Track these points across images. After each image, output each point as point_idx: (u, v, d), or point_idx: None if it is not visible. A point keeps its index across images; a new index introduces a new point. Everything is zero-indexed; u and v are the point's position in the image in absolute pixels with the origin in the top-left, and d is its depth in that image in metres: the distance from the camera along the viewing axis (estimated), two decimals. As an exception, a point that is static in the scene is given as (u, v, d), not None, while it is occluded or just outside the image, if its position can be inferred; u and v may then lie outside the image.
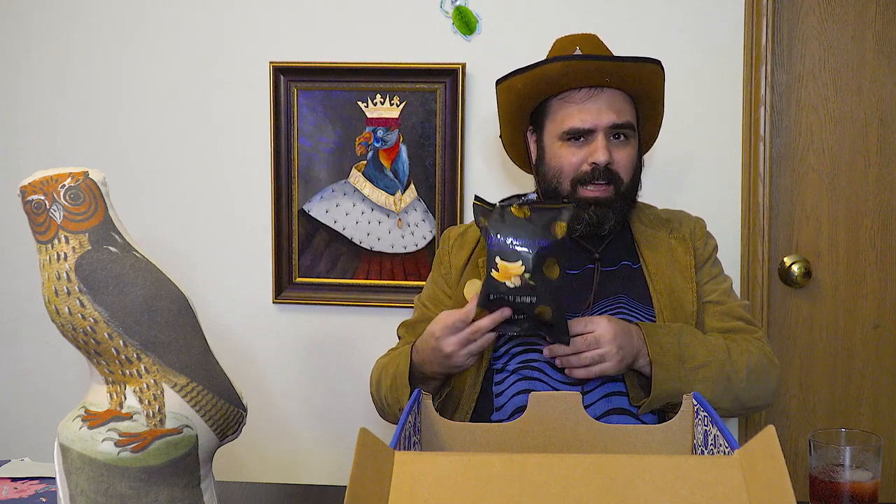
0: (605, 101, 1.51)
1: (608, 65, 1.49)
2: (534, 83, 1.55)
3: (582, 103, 1.52)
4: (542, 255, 1.31)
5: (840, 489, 1.13)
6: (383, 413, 1.59)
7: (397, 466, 0.79)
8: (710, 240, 1.65)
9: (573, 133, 1.52)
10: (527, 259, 1.30)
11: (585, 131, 1.51)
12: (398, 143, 2.12)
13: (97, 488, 1.00)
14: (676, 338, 1.42)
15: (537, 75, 1.53)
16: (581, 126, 1.51)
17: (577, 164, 1.52)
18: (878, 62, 2.06)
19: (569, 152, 1.53)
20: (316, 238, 2.17)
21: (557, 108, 1.55)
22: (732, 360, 1.45)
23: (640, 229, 1.60)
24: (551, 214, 1.33)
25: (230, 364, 1.10)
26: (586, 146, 1.52)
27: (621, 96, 1.53)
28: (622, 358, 1.38)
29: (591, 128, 1.51)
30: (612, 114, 1.51)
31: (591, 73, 1.50)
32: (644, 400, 1.42)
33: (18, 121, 2.26)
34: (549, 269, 1.32)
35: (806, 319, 2.11)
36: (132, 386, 1.02)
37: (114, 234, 1.04)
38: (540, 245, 1.32)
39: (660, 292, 1.52)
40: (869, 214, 2.08)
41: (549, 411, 1.08)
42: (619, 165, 1.52)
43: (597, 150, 1.50)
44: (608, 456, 0.79)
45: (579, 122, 1.51)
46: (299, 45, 2.15)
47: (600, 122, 1.50)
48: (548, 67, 1.51)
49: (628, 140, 1.53)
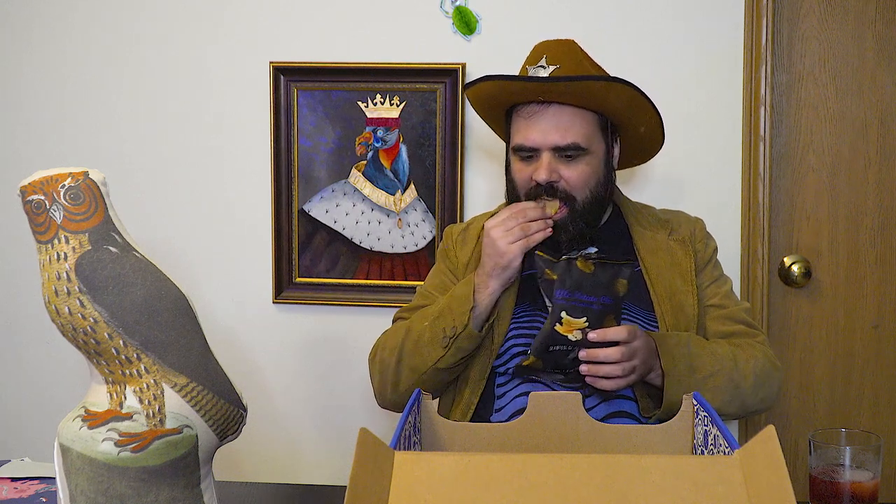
0: (551, 120, 1.48)
1: (540, 85, 1.45)
2: (480, 98, 1.56)
3: (529, 119, 1.50)
4: (605, 311, 1.35)
5: (840, 489, 1.13)
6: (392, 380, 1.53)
7: (397, 466, 0.79)
8: (710, 241, 1.64)
9: (520, 149, 1.51)
10: (591, 314, 1.34)
11: (530, 149, 1.50)
12: (398, 143, 2.12)
13: (97, 488, 1.00)
14: (686, 348, 1.41)
15: (477, 92, 1.54)
16: (525, 143, 1.50)
17: (526, 179, 1.51)
18: (878, 62, 2.06)
19: (520, 167, 1.53)
20: (316, 238, 2.17)
21: (514, 120, 1.54)
22: (739, 368, 1.44)
23: (638, 232, 1.59)
24: (614, 270, 1.37)
25: (230, 364, 1.10)
26: (533, 163, 1.50)
27: (572, 113, 1.48)
28: (643, 372, 1.37)
29: (534, 146, 1.49)
30: (555, 134, 1.47)
31: (528, 91, 1.47)
32: (655, 411, 1.41)
33: (18, 121, 2.26)
34: (608, 323, 1.36)
35: (806, 319, 2.11)
36: (132, 386, 1.02)
37: (114, 234, 1.04)
38: (604, 301, 1.36)
39: (661, 297, 1.51)
40: (869, 214, 2.08)
41: (549, 411, 1.08)
42: (567, 183, 1.49)
43: (539, 168, 1.48)
44: (608, 456, 0.79)
45: (523, 140, 1.50)
46: (299, 45, 2.15)
47: (545, 142, 1.48)
48: (484, 85, 1.51)
49: (580, 157, 1.49)
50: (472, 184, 2.12)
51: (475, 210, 2.09)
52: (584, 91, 1.46)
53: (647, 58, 2.05)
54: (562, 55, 1.51)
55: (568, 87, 1.45)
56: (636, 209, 1.65)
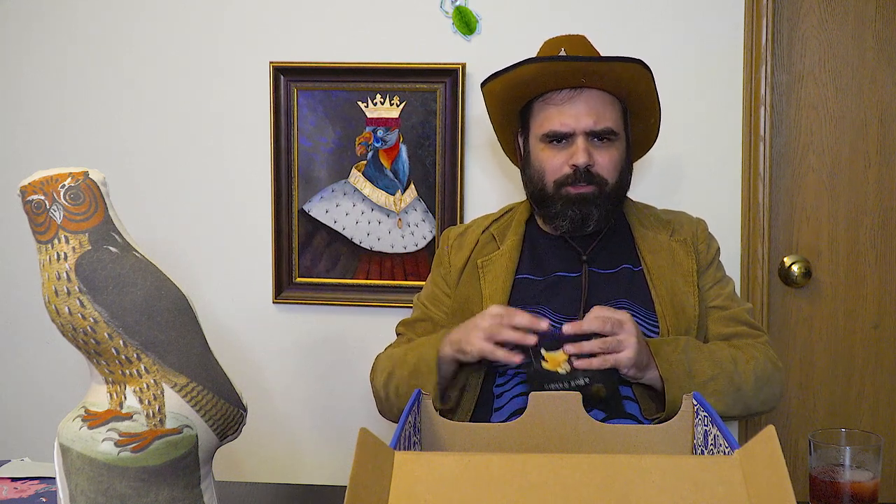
0: (583, 104, 1.51)
1: (584, 65, 1.48)
2: (511, 86, 1.55)
3: (561, 105, 1.52)
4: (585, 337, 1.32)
5: (840, 489, 1.13)
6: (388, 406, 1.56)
7: (397, 466, 0.79)
8: (712, 242, 1.64)
9: (553, 136, 1.52)
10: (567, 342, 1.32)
11: (565, 134, 1.51)
12: (398, 143, 2.12)
13: (97, 488, 1.00)
14: (684, 353, 1.41)
15: (513, 78, 1.53)
16: (560, 129, 1.51)
17: (558, 166, 1.52)
18: (878, 62, 2.06)
19: (550, 154, 1.53)
20: (316, 238, 2.17)
21: (539, 109, 1.55)
22: (739, 370, 1.44)
23: (640, 232, 1.59)
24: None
25: (230, 364, 1.10)
26: (567, 148, 1.52)
27: (602, 98, 1.52)
28: (638, 353, 1.33)
29: (569, 131, 1.51)
30: (589, 118, 1.50)
31: (568, 74, 1.49)
32: (658, 414, 1.41)
33: (18, 121, 2.26)
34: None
35: (806, 319, 2.11)
36: (132, 386, 1.02)
37: (114, 234, 1.04)
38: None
39: (662, 297, 1.51)
40: (869, 214, 2.08)
41: (549, 411, 1.08)
42: (601, 167, 1.51)
43: (577, 152, 1.50)
44: (608, 456, 0.79)
45: (558, 126, 1.51)
46: (299, 45, 2.15)
47: (578, 126, 1.50)
48: (523, 69, 1.51)
49: (611, 142, 1.52)
50: (472, 184, 2.12)
51: (475, 210, 2.09)
52: (620, 74, 1.49)
53: (647, 58, 2.02)
54: (580, 46, 1.55)
55: (611, 68, 1.48)
56: (638, 209, 1.65)
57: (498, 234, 1.64)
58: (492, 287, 1.55)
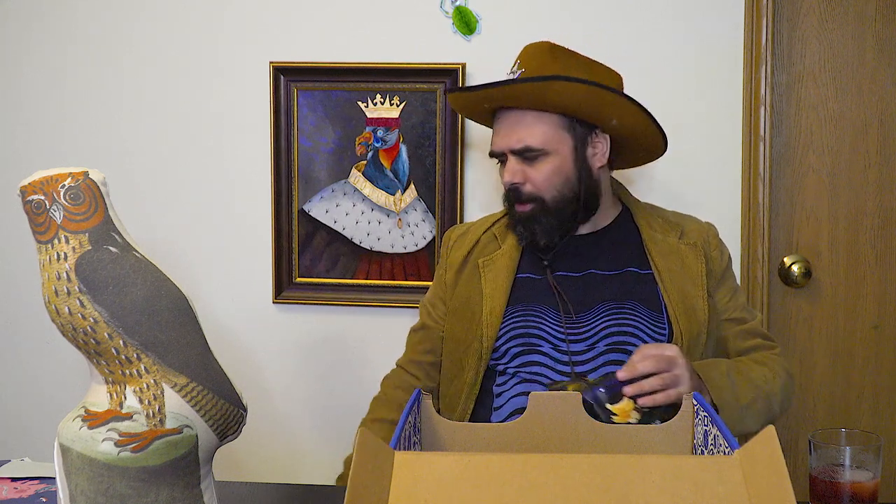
0: (510, 124, 1.52)
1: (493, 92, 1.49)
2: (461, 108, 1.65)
3: (497, 125, 1.56)
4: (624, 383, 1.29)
5: (840, 489, 1.13)
6: None
7: (397, 466, 0.79)
8: (724, 249, 1.63)
9: (493, 155, 1.57)
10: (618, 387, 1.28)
11: (500, 154, 1.55)
12: (398, 143, 2.12)
13: (97, 488, 1.00)
14: (727, 378, 1.42)
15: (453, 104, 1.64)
16: (494, 150, 1.56)
17: (503, 183, 1.56)
18: (878, 62, 2.06)
19: (499, 170, 1.59)
20: (316, 238, 2.17)
21: None
22: (771, 390, 1.48)
23: (649, 234, 1.58)
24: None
25: (230, 364, 1.10)
26: (503, 166, 1.55)
27: (532, 116, 1.50)
28: (692, 386, 1.31)
29: (500, 151, 1.54)
30: (511, 138, 1.52)
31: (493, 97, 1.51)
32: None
33: (18, 121, 2.26)
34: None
35: (806, 319, 2.11)
36: (132, 386, 1.02)
37: (114, 234, 1.04)
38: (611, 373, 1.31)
39: (674, 300, 1.50)
40: (869, 214, 2.08)
41: (549, 411, 1.08)
42: (533, 184, 1.52)
43: (505, 172, 1.53)
44: (608, 456, 0.79)
45: (494, 146, 1.56)
46: (299, 45, 2.15)
47: (506, 146, 1.53)
48: (451, 99, 1.62)
49: (542, 159, 1.50)
50: (472, 184, 2.12)
51: (475, 210, 2.09)
52: (527, 93, 1.47)
53: (647, 58, 2.05)
54: (530, 58, 1.52)
55: (515, 90, 1.47)
56: (646, 211, 1.64)
57: (500, 233, 1.64)
58: (492, 286, 1.55)
